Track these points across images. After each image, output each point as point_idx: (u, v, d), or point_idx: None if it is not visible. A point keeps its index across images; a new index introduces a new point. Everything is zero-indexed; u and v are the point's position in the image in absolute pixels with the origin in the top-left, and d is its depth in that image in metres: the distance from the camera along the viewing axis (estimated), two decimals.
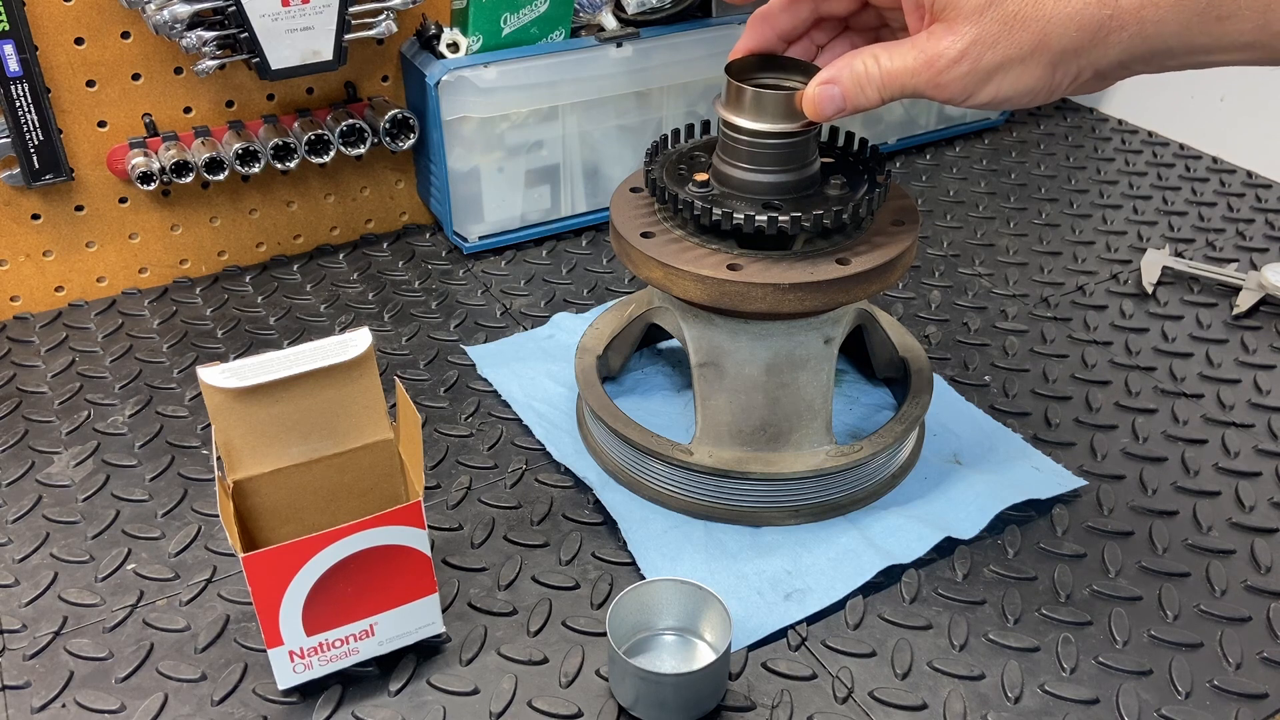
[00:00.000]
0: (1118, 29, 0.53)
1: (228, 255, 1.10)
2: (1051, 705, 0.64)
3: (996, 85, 0.57)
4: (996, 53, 0.56)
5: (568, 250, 1.13)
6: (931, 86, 0.58)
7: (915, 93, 0.59)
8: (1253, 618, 0.70)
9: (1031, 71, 0.56)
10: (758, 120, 0.69)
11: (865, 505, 0.78)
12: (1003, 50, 0.55)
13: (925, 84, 0.58)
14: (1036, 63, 0.55)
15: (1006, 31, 0.55)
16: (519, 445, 0.86)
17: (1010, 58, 0.55)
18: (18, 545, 0.76)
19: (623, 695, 0.64)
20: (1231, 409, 0.89)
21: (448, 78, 1.01)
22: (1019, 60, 0.55)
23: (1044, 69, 0.56)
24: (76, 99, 0.96)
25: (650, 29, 1.09)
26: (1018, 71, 0.56)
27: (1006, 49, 0.55)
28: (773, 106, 0.68)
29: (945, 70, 0.57)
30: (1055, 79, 0.56)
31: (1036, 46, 0.55)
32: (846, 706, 0.64)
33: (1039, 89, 0.57)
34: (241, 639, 0.69)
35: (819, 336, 0.76)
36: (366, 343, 0.64)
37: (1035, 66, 0.56)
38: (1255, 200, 1.23)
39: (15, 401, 0.91)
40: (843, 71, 0.61)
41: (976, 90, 0.57)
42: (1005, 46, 0.55)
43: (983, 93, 0.57)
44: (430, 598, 0.65)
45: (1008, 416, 0.88)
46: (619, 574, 0.74)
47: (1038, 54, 0.55)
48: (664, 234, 0.74)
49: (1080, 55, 0.55)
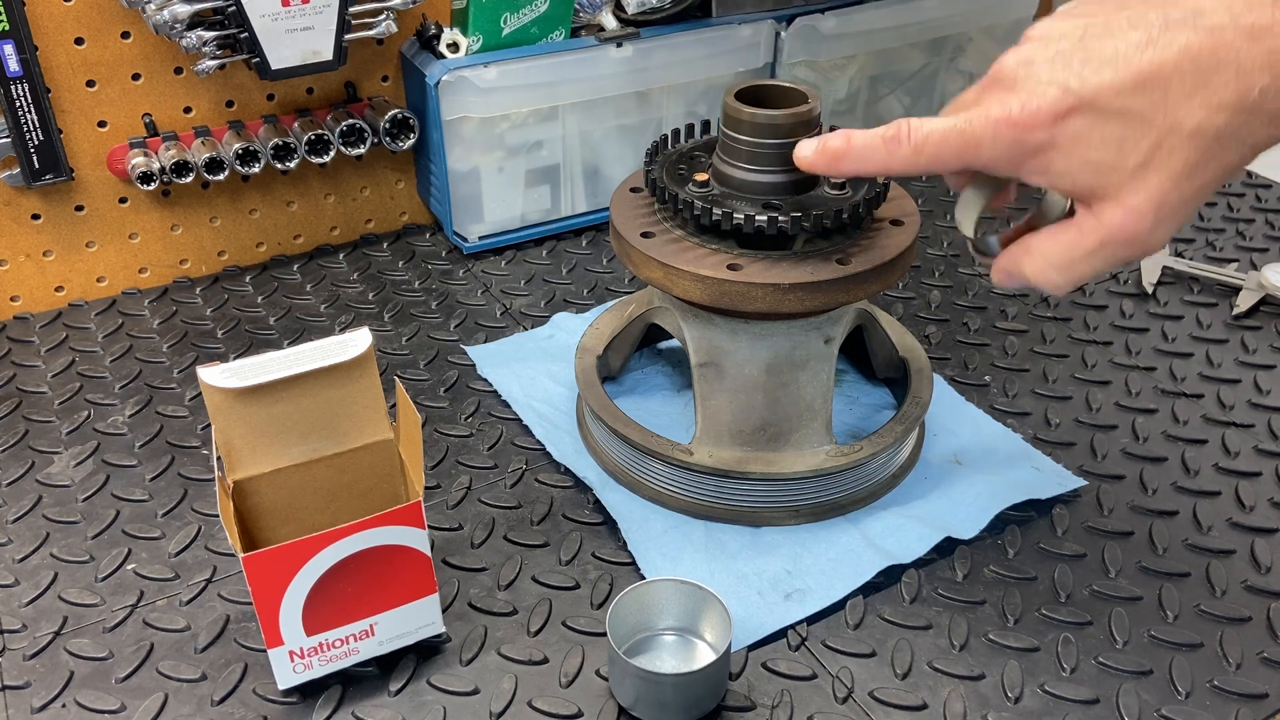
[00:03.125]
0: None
1: (228, 255, 1.10)
2: (1051, 705, 0.64)
3: (1191, 213, 0.53)
4: (1180, 196, 0.51)
5: (568, 250, 1.13)
6: (1134, 257, 0.55)
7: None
8: (1253, 618, 0.70)
9: (1217, 182, 0.52)
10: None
11: (865, 505, 0.78)
12: (1186, 193, 0.51)
13: (1127, 261, 0.55)
14: (1208, 172, 0.51)
15: (1185, 178, 0.51)
16: (519, 445, 0.86)
17: (1199, 193, 0.52)
18: (18, 545, 0.76)
19: (623, 695, 0.64)
20: (1231, 409, 0.89)
21: (448, 78, 1.01)
22: (1209, 186, 0.52)
23: (1216, 168, 0.51)
24: (76, 99, 0.96)
25: (650, 29, 1.09)
26: (1207, 191, 0.52)
27: (1191, 190, 0.51)
28: None
29: (1147, 237, 0.53)
30: (1238, 160, 0.51)
31: (1224, 168, 0.51)
32: (846, 706, 0.64)
33: (1230, 175, 0.52)
34: (241, 639, 0.69)
35: (819, 336, 0.76)
36: (366, 343, 0.64)
37: (1227, 175, 0.52)
38: (1255, 200, 1.23)
39: (15, 401, 0.91)
40: (1012, 269, 0.58)
41: (1174, 230, 0.53)
42: (1189, 189, 0.51)
43: (1173, 230, 0.53)
44: (430, 598, 0.65)
45: (1008, 416, 0.88)
46: (619, 574, 0.74)
47: (1226, 172, 0.51)
48: (664, 234, 0.74)
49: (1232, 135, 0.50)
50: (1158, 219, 0.52)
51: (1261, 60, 0.48)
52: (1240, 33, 0.48)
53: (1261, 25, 0.48)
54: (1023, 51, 0.54)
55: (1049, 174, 0.54)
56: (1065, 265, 0.56)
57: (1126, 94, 0.50)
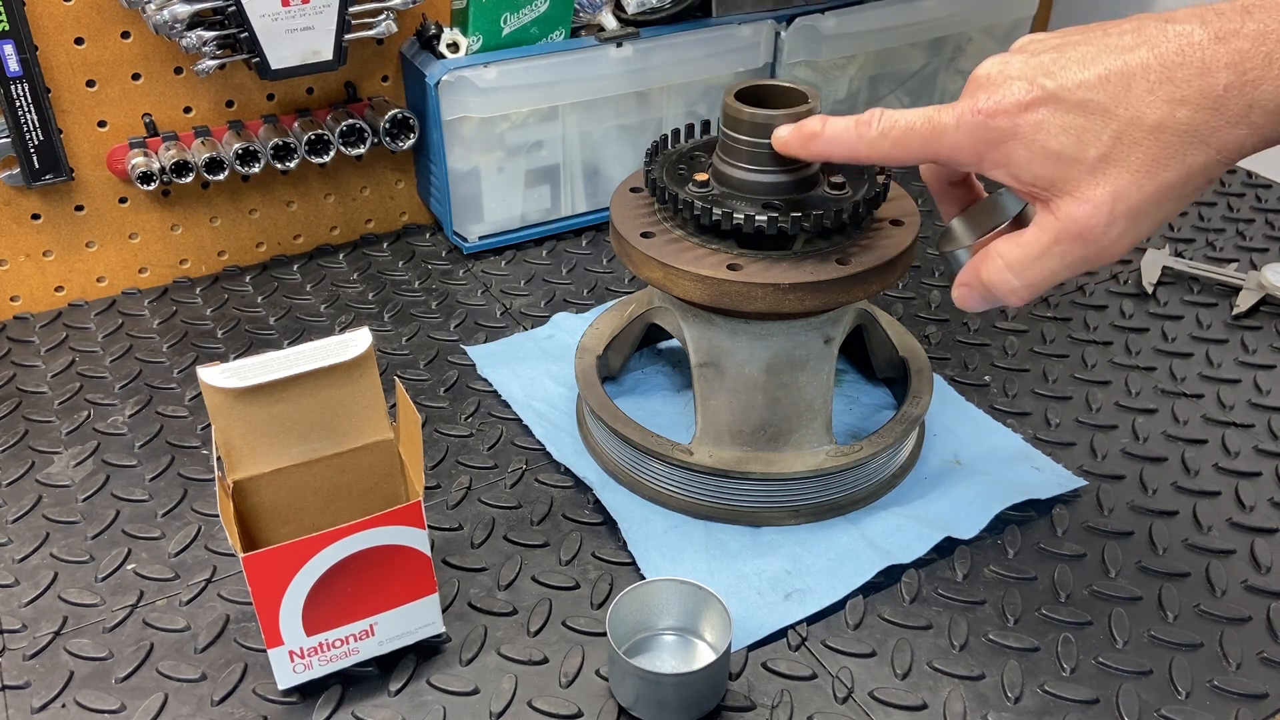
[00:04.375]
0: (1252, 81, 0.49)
1: (228, 255, 1.10)
2: (1051, 705, 0.64)
3: (1151, 216, 0.52)
4: (1141, 194, 0.51)
5: (568, 250, 1.13)
6: (1091, 260, 0.54)
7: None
8: (1253, 618, 0.70)
9: (1178, 195, 0.51)
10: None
11: (865, 505, 0.78)
12: (1146, 192, 0.51)
13: (1083, 262, 0.54)
14: (1169, 170, 0.51)
15: (1142, 173, 0.51)
16: (519, 445, 0.86)
17: (1157, 197, 0.51)
18: (18, 545, 0.76)
19: (623, 695, 0.64)
20: (1231, 409, 0.89)
21: (448, 78, 1.01)
22: (1165, 195, 0.51)
23: (1181, 171, 0.51)
24: (76, 99, 0.96)
25: (650, 29, 1.09)
26: (1164, 201, 0.51)
27: (1150, 191, 0.51)
28: None
29: (1102, 236, 0.52)
30: (1203, 163, 0.51)
31: (1182, 177, 0.50)
32: (846, 706, 0.64)
33: (1198, 189, 0.52)
34: (241, 639, 0.69)
35: (819, 336, 0.76)
36: (366, 343, 0.64)
37: (1183, 189, 0.51)
38: (1255, 200, 1.23)
39: (15, 401, 0.91)
40: (971, 279, 0.59)
41: (1130, 235, 0.53)
42: (1147, 188, 0.51)
43: (1127, 232, 0.53)
44: (430, 598, 0.65)
45: (1008, 416, 0.88)
46: (619, 574, 0.74)
47: (1165, 163, 0.51)
48: (664, 234, 0.74)
49: (1194, 132, 0.50)
50: (1113, 214, 0.52)
51: (1226, 59, 0.49)
52: (1208, 36, 0.49)
53: (1229, 30, 0.49)
54: (1001, 58, 0.55)
55: (1010, 165, 0.54)
56: (1021, 266, 0.56)
57: (1089, 88, 0.51)
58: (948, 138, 0.55)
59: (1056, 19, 1.51)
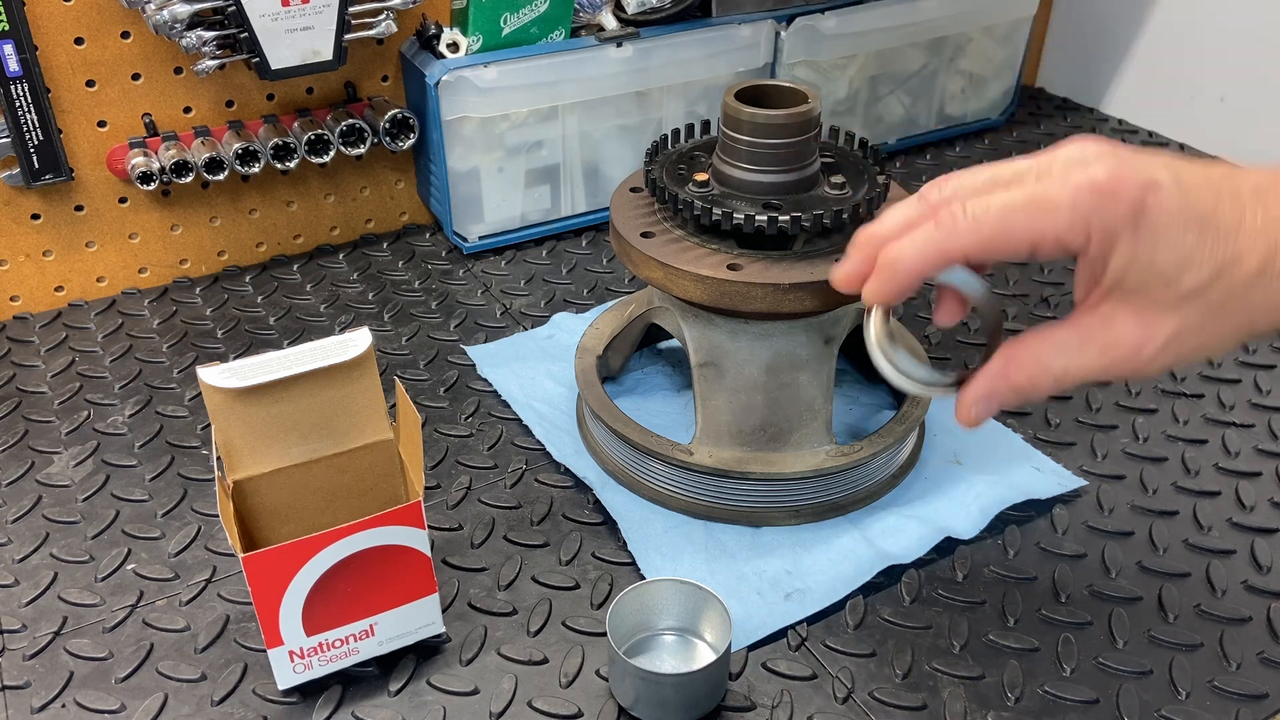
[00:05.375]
0: None
1: (228, 255, 1.10)
2: (1051, 705, 0.64)
3: (1187, 360, 0.53)
4: (1198, 341, 0.51)
5: (568, 250, 1.13)
6: (1123, 377, 0.54)
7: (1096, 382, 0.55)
8: (1253, 618, 0.70)
9: (1225, 346, 0.52)
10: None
11: (865, 505, 0.78)
12: (1204, 338, 0.51)
13: (1116, 377, 0.53)
14: (1233, 341, 0.52)
15: (1210, 321, 0.50)
16: (519, 445, 0.86)
17: (1208, 345, 0.51)
18: (18, 545, 0.76)
19: (623, 695, 0.64)
20: (1231, 409, 0.89)
21: (448, 78, 1.01)
22: (1218, 345, 0.52)
23: (1236, 344, 0.52)
24: (76, 99, 0.96)
25: (650, 29, 1.09)
26: (1213, 349, 0.52)
27: (1207, 338, 0.51)
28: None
29: (1144, 365, 0.52)
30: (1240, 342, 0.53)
31: (1237, 331, 0.51)
32: (846, 706, 0.64)
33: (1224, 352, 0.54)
34: (241, 639, 0.69)
35: (819, 336, 0.76)
36: (366, 343, 0.64)
37: (1230, 343, 0.52)
38: None
39: (15, 401, 0.91)
40: (999, 386, 0.57)
41: (1168, 368, 0.53)
42: (1207, 335, 0.51)
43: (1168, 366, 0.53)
44: (430, 598, 0.65)
45: (1008, 416, 0.88)
46: (619, 574, 0.74)
47: (1237, 336, 0.51)
48: (664, 234, 0.74)
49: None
50: (1164, 349, 0.51)
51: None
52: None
53: None
54: (1078, 144, 0.51)
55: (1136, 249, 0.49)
56: (1061, 371, 0.54)
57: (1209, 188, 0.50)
58: (1062, 218, 0.50)
59: (1056, 19, 1.51)
